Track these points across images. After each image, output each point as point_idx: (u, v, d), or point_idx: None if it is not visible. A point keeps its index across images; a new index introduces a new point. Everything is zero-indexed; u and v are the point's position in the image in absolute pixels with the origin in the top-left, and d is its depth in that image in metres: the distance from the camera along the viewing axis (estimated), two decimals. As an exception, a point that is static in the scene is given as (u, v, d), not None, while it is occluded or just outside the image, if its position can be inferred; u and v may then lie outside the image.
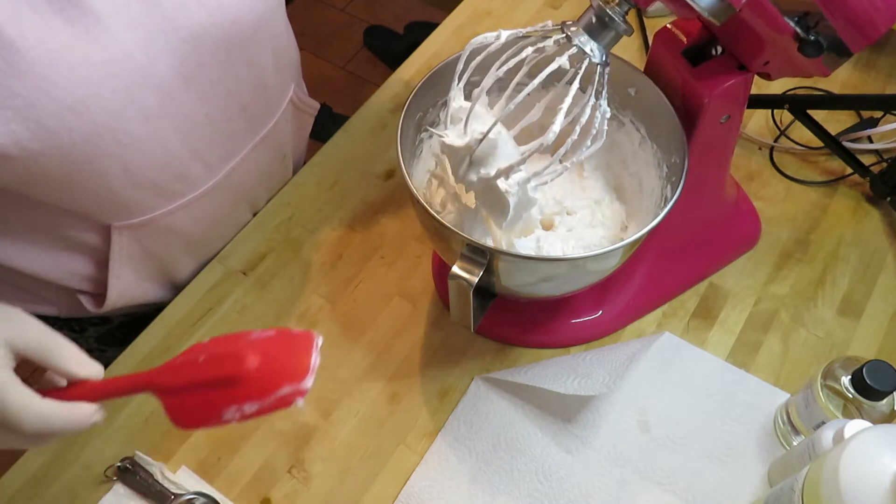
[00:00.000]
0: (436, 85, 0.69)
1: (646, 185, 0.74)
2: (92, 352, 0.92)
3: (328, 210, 0.89)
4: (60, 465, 0.72)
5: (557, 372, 0.73)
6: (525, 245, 0.68)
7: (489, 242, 0.65)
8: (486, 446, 0.73)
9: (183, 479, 0.71)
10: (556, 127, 0.55)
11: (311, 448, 0.74)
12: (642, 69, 0.70)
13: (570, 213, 0.74)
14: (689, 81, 0.65)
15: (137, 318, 0.84)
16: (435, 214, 0.62)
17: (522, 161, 0.58)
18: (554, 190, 0.75)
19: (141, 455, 0.72)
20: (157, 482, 0.70)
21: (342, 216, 0.88)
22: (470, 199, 0.69)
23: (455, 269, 0.61)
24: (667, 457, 0.72)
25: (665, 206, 0.63)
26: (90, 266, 0.76)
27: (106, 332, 0.90)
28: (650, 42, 0.76)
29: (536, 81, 0.55)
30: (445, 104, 0.70)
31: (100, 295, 0.80)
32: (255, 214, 0.89)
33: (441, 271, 0.82)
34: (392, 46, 2.21)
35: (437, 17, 1.15)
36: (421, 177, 0.75)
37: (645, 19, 1.05)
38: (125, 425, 0.75)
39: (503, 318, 0.78)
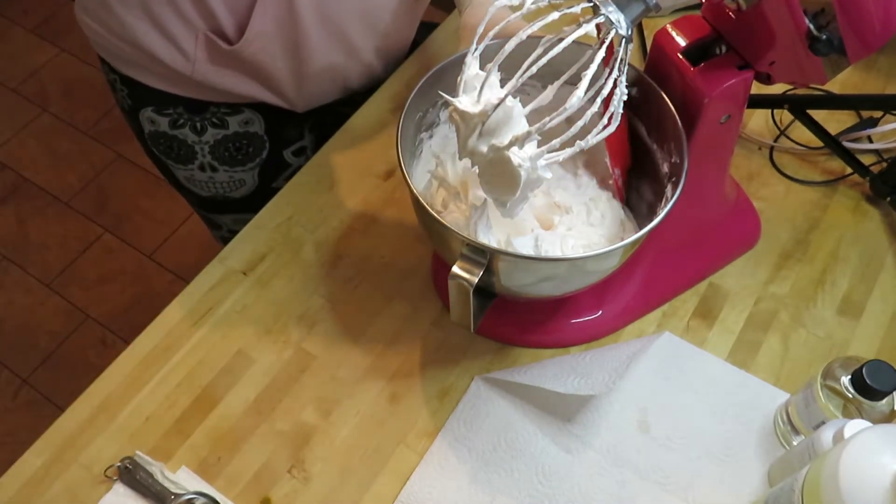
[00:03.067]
0: (436, 85, 0.69)
1: (646, 185, 0.74)
2: (204, 169, 0.95)
3: (328, 210, 0.89)
4: (60, 465, 0.73)
5: (557, 372, 0.73)
6: (524, 245, 0.68)
7: (490, 242, 0.65)
8: (486, 446, 0.73)
9: (183, 479, 0.71)
10: (581, 92, 0.54)
11: (311, 448, 0.74)
12: (642, 69, 0.70)
13: (567, 211, 0.74)
14: (688, 81, 0.65)
15: (249, 133, 0.88)
16: (435, 214, 0.62)
17: (541, 127, 0.56)
18: (544, 184, 0.74)
19: (141, 455, 0.72)
20: (157, 482, 0.70)
21: (342, 216, 0.88)
22: (473, 197, 0.68)
23: (455, 269, 0.61)
24: (667, 457, 0.72)
25: (665, 206, 0.63)
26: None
27: (221, 140, 0.93)
28: (650, 42, 0.76)
29: (561, 46, 0.54)
30: (446, 103, 0.70)
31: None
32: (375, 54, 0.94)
33: (441, 271, 0.82)
34: (392, 46, 2.20)
35: (437, 18, 1.15)
36: (421, 177, 0.75)
37: (644, 19, 1.05)
38: (125, 425, 0.75)
39: (503, 318, 0.78)
